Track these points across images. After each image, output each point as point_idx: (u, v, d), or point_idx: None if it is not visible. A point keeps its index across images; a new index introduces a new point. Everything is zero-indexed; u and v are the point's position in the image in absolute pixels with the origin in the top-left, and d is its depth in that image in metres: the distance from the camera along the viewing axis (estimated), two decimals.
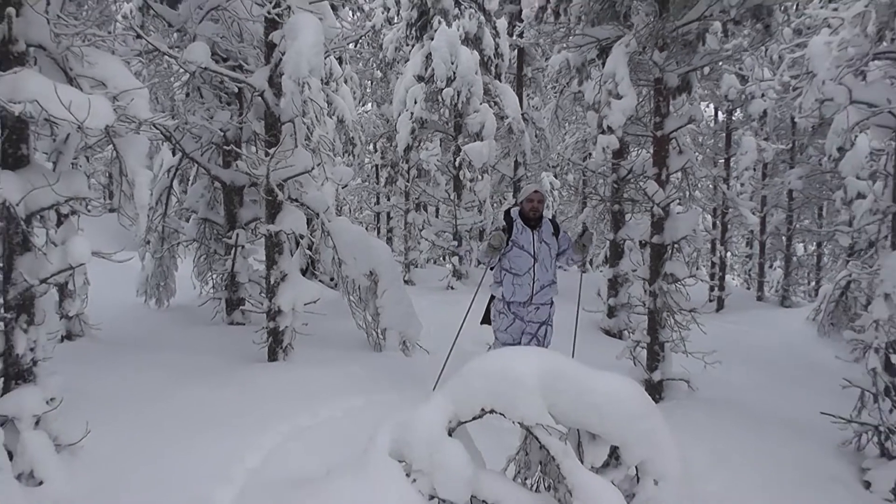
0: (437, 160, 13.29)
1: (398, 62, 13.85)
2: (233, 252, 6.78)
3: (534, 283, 4.83)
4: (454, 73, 10.90)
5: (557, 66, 10.49)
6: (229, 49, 6.25)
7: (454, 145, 12.00)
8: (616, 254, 8.89)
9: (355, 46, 16.59)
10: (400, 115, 11.62)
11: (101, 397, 4.12)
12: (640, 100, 6.04)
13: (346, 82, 13.75)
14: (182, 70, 6.10)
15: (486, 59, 11.94)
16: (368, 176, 20.95)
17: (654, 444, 2.54)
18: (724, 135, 15.49)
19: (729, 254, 18.57)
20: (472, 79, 10.96)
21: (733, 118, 15.30)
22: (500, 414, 2.52)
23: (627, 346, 5.69)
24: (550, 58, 11.40)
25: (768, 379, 6.86)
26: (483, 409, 2.55)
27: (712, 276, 15.41)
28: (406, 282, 11.30)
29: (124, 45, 5.56)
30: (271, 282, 5.41)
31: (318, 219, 5.88)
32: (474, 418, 2.59)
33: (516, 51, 13.86)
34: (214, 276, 7.47)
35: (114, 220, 4.22)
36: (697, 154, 14.08)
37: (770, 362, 7.80)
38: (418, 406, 2.65)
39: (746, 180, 15.20)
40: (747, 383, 6.40)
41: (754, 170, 15.21)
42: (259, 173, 5.18)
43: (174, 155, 7.64)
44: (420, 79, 11.41)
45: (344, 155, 13.64)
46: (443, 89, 10.97)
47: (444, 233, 12.38)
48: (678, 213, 5.50)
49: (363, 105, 19.46)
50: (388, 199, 17.54)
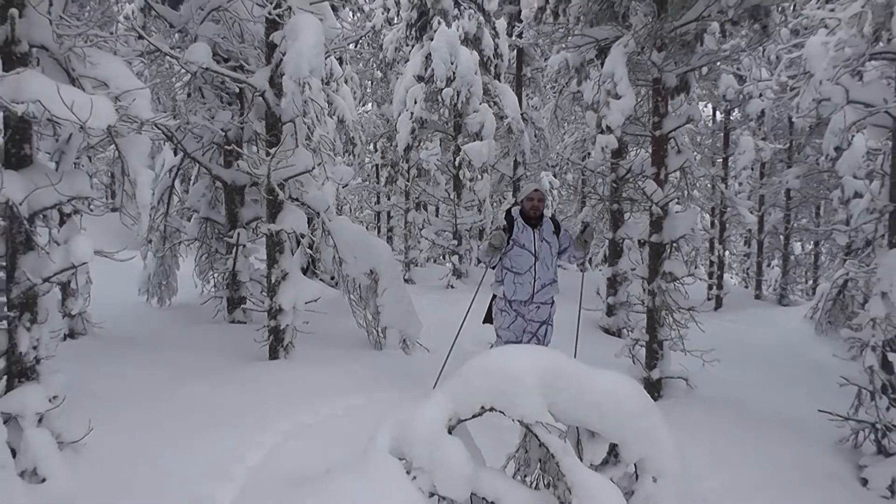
0: (437, 160, 13.30)
1: (398, 62, 13.86)
2: (234, 251, 6.79)
3: (535, 282, 4.84)
4: (454, 74, 10.90)
5: (556, 66, 10.51)
6: (230, 50, 6.27)
7: (454, 145, 12.01)
8: (615, 253, 8.92)
9: (355, 47, 16.59)
10: (400, 114, 11.63)
11: (104, 395, 4.13)
12: (639, 100, 6.06)
13: (346, 82, 13.75)
14: (183, 70, 6.14)
15: (485, 60, 11.94)
16: (369, 175, 20.95)
17: (653, 441, 2.56)
18: (722, 134, 15.49)
19: (727, 253, 18.61)
20: (472, 79, 10.97)
21: (731, 118, 15.31)
22: (500, 412, 2.53)
23: (626, 344, 5.70)
24: (549, 58, 11.41)
25: (766, 377, 6.88)
26: (483, 408, 2.56)
27: (711, 275, 15.42)
28: (406, 280, 11.32)
29: (126, 46, 5.59)
30: (272, 280, 5.43)
31: (318, 218, 5.89)
32: (474, 416, 2.60)
33: (515, 51, 13.87)
34: (216, 275, 7.49)
35: (116, 220, 4.23)
36: (696, 153, 14.12)
37: (768, 360, 7.82)
38: (418, 404, 2.66)
39: (744, 180, 15.23)
40: (745, 381, 6.41)
41: (752, 169, 15.23)
42: (260, 173, 5.20)
43: (176, 155, 7.65)
44: (420, 79, 11.42)
45: (344, 154, 13.64)
46: (442, 89, 10.98)
47: (444, 232, 12.39)
48: (677, 213, 5.51)
49: (363, 105, 19.46)
50: (389, 199, 17.54)
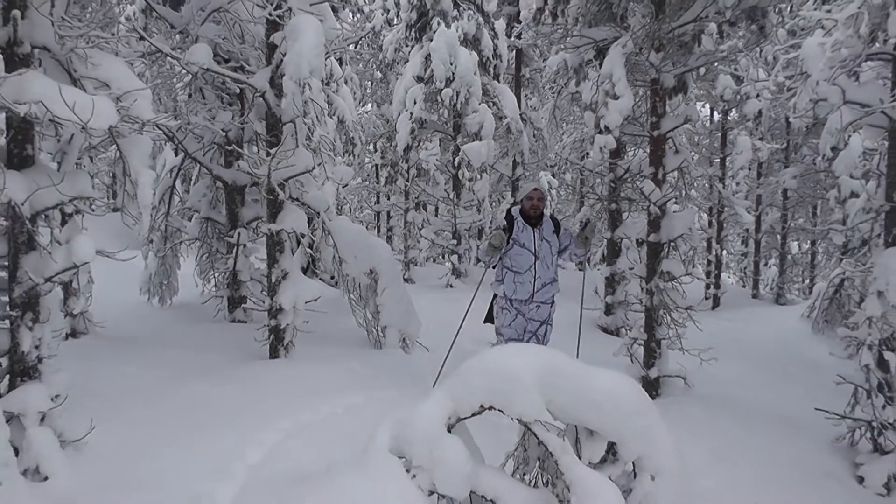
0: (437, 160, 13.32)
1: (398, 63, 13.88)
2: (235, 251, 6.81)
3: (535, 281, 4.86)
4: (453, 74, 10.92)
5: (555, 66, 10.51)
6: (231, 50, 6.28)
7: (453, 145, 12.03)
8: (613, 252, 8.95)
9: (355, 48, 16.62)
10: (400, 115, 11.65)
11: (105, 394, 4.15)
12: (637, 100, 6.08)
13: (346, 83, 13.77)
14: (184, 71, 6.15)
15: (484, 60, 11.96)
16: (368, 175, 20.97)
17: (651, 439, 2.57)
18: (719, 134, 15.52)
19: (724, 252, 18.63)
20: (471, 79, 10.99)
21: (729, 118, 15.33)
22: (499, 410, 2.55)
23: (624, 343, 5.72)
24: (548, 59, 11.41)
25: (763, 375, 6.90)
26: (482, 406, 2.58)
27: (708, 274, 15.43)
28: (406, 280, 11.33)
29: (128, 47, 5.61)
30: (273, 280, 5.44)
31: (318, 218, 5.90)
32: (473, 415, 2.61)
33: (514, 52, 13.89)
34: (216, 275, 7.50)
35: (117, 220, 4.27)
36: (693, 154, 14.14)
37: (765, 359, 7.84)
38: (418, 403, 2.67)
39: (742, 179, 15.26)
40: (743, 380, 6.43)
41: (749, 169, 15.26)
42: (260, 173, 5.21)
43: (177, 155, 7.66)
44: (419, 79, 11.44)
45: (344, 155, 13.66)
46: (442, 90, 11.00)
47: (444, 231, 12.41)
48: (674, 212, 5.52)
49: (363, 105, 19.47)
50: (388, 199, 17.56)
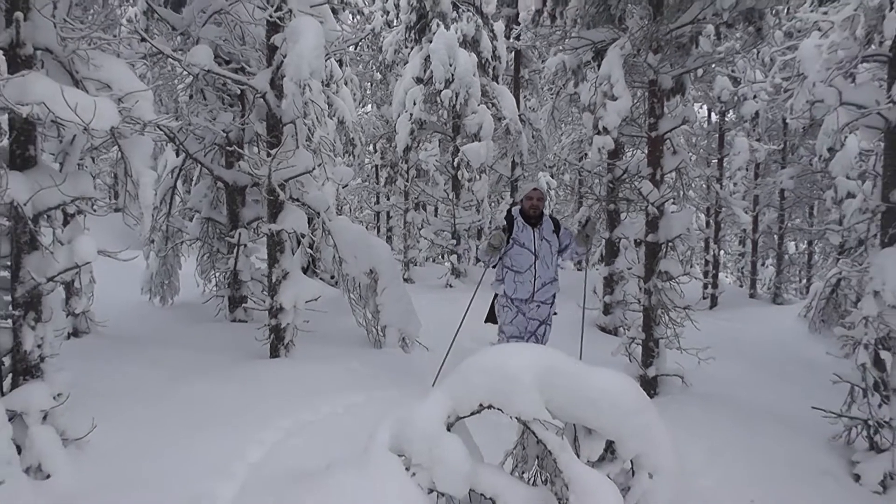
0: (436, 160, 13.36)
1: (397, 64, 13.90)
2: (235, 251, 6.82)
3: (535, 280, 4.88)
4: (452, 75, 10.94)
5: (554, 68, 10.53)
6: (232, 52, 6.30)
7: (452, 146, 12.05)
8: (612, 252, 8.96)
9: (355, 49, 16.64)
10: (399, 116, 11.67)
11: (107, 393, 4.17)
12: (635, 101, 6.11)
13: (346, 84, 13.78)
14: (185, 72, 6.18)
15: (483, 62, 11.98)
16: (368, 176, 20.98)
17: (649, 438, 2.60)
18: (717, 135, 15.55)
19: (722, 252, 18.69)
20: (470, 81, 11.00)
21: (726, 119, 15.36)
22: (498, 409, 2.57)
23: (623, 342, 5.73)
24: (547, 60, 11.43)
25: (761, 374, 6.90)
26: (481, 405, 2.59)
27: (706, 274, 15.46)
28: (405, 280, 11.35)
29: (129, 49, 5.62)
30: (273, 280, 5.46)
31: (318, 218, 5.92)
32: (473, 414, 2.63)
33: (513, 53, 13.90)
34: (217, 275, 7.51)
35: (119, 220, 4.28)
36: (691, 154, 14.11)
37: (762, 358, 7.85)
38: (418, 402, 2.69)
39: (739, 180, 15.27)
40: (740, 379, 6.44)
41: (747, 170, 15.27)
42: (261, 173, 5.23)
43: (178, 156, 7.67)
44: (419, 81, 11.46)
45: (344, 155, 13.68)
46: (441, 91, 11.02)
47: (443, 231, 12.43)
48: (672, 213, 5.53)
49: (363, 106, 19.49)
50: (388, 199, 17.58)
